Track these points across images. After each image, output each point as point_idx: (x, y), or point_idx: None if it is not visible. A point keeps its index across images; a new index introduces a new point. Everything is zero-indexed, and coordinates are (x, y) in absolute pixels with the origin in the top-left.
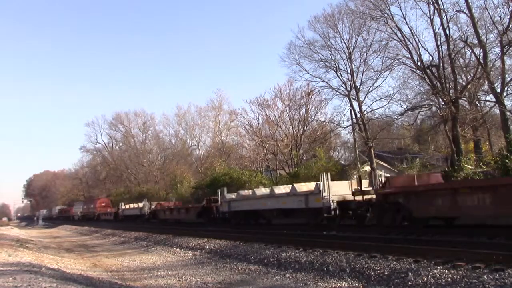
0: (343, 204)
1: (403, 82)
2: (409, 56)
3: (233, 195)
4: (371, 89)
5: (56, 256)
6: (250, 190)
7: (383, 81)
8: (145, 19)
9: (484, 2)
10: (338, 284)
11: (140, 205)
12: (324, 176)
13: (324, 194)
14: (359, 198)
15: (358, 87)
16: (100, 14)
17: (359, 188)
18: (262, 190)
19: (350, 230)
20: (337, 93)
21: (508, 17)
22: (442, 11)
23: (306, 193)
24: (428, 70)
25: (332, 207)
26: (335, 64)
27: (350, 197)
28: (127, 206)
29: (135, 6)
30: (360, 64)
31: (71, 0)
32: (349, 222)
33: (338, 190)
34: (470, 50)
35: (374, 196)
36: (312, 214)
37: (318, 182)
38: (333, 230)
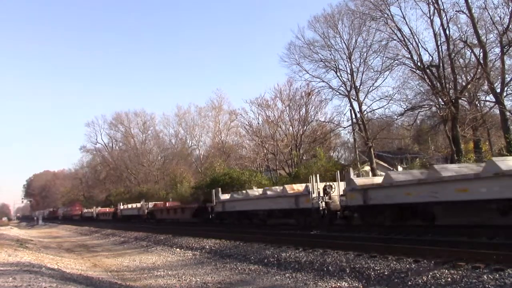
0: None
1: (403, 82)
2: (409, 56)
3: (123, 206)
4: (371, 89)
5: (56, 256)
6: (130, 204)
7: (383, 81)
8: (145, 19)
9: (484, 2)
10: (338, 284)
11: (91, 210)
12: (143, 201)
13: (144, 208)
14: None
15: (358, 87)
16: (100, 14)
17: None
18: (132, 205)
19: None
20: (337, 93)
21: (508, 17)
22: (442, 11)
23: (138, 207)
24: (428, 70)
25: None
26: (335, 64)
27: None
28: (86, 210)
29: (135, 6)
30: (360, 64)
31: (72, 0)
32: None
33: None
34: (470, 50)
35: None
36: (141, 216)
37: (141, 203)
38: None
